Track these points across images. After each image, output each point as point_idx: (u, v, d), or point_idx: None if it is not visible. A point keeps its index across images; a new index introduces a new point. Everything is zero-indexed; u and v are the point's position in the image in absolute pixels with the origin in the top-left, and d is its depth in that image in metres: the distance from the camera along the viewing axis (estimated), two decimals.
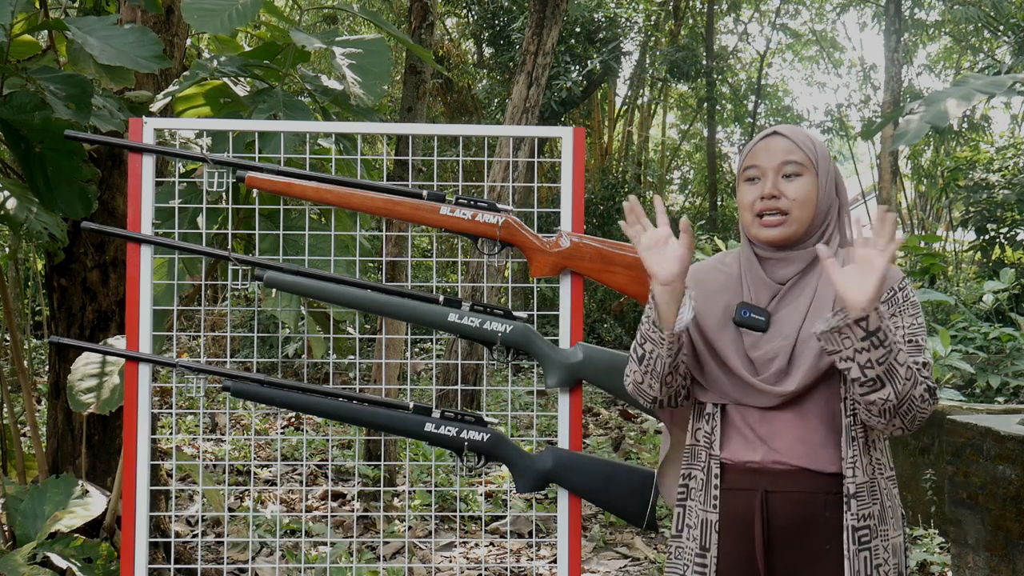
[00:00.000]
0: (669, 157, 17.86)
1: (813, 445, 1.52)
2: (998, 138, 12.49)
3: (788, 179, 1.54)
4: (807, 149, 1.56)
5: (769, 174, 1.55)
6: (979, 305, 6.89)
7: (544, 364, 1.95)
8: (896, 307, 1.52)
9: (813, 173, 1.55)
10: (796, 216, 1.54)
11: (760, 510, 1.52)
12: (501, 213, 2.02)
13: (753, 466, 1.55)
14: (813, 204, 1.54)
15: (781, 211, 1.54)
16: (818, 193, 1.55)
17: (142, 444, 2.01)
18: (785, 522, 1.52)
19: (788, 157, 1.54)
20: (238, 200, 2.41)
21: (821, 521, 1.51)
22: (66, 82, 2.47)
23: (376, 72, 2.54)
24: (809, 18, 17.25)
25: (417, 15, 4.94)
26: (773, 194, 1.54)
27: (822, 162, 1.56)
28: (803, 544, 1.52)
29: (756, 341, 1.55)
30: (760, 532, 1.52)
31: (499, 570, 3.84)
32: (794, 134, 1.57)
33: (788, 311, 1.55)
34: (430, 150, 8.09)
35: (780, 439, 1.54)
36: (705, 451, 1.59)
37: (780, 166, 1.54)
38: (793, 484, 1.52)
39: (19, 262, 4.86)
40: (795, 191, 1.54)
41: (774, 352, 1.52)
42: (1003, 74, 6.35)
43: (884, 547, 1.51)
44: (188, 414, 5.96)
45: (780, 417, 1.54)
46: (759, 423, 1.55)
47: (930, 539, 3.71)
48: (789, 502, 1.52)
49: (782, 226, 1.54)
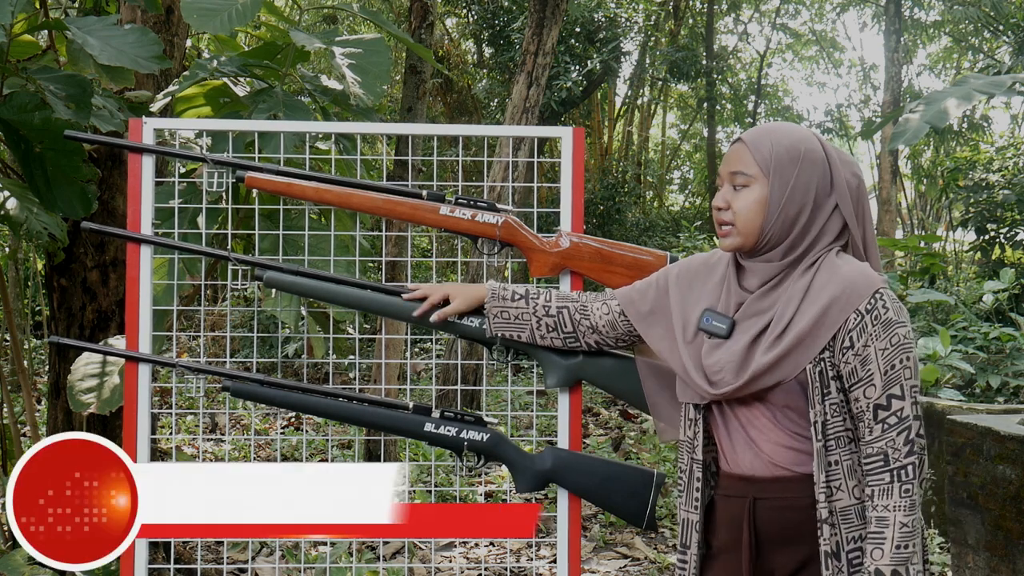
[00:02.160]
0: (669, 157, 17.87)
1: (798, 451, 1.52)
2: (998, 138, 12.50)
3: (737, 190, 1.54)
4: (760, 157, 1.51)
5: (724, 183, 1.56)
6: (979, 305, 6.89)
7: (544, 364, 1.95)
8: (866, 336, 1.46)
9: (764, 182, 1.51)
10: (740, 228, 1.52)
11: (748, 517, 1.53)
12: (501, 213, 2.01)
13: (743, 474, 1.55)
14: (760, 214, 1.51)
15: (727, 222, 1.54)
16: (769, 202, 1.50)
17: (142, 444, 2.01)
18: (773, 527, 1.53)
19: (736, 167, 1.53)
20: (238, 200, 2.41)
21: (810, 525, 1.50)
22: (66, 82, 2.47)
23: (376, 72, 2.54)
24: (809, 18, 17.26)
25: (417, 15, 4.94)
26: (719, 205, 1.55)
27: (779, 169, 1.50)
28: (795, 547, 1.52)
29: (711, 349, 1.55)
30: (748, 537, 1.53)
31: (499, 570, 3.84)
32: (754, 141, 1.53)
33: (747, 324, 1.54)
34: (430, 150, 8.09)
35: (765, 445, 1.54)
36: (688, 454, 1.62)
37: (732, 176, 1.54)
38: (782, 490, 1.52)
39: (19, 262, 4.86)
40: (739, 202, 1.53)
41: (721, 364, 1.53)
42: (1003, 74, 6.36)
43: None
44: (188, 414, 5.95)
45: (763, 423, 1.54)
46: (744, 429, 1.56)
47: (930, 539, 3.71)
48: (777, 508, 1.52)
49: (728, 237, 1.54)
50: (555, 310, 1.82)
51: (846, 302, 1.47)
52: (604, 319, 1.78)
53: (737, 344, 1.53)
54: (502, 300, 1.85)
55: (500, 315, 1.85)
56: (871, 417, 1.46)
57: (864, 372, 1.46)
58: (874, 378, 1.45)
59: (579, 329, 1.81)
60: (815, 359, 1.48)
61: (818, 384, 1.48)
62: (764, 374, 1.49)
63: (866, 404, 1.46)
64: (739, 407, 1.56)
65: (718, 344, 1.54)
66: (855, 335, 1.46)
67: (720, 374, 1.53)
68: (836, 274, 1.49)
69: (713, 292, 1.61)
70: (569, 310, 1.82)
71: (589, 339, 1.81)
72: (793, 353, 1.48)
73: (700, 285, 1.64)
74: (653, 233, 11.97)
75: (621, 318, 1.75)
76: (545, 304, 1.83)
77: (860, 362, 1.46)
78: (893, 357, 1.45)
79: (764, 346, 1.49)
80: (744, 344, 1.52)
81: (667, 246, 10.51)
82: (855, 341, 1.46)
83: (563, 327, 1.82)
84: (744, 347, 1.51)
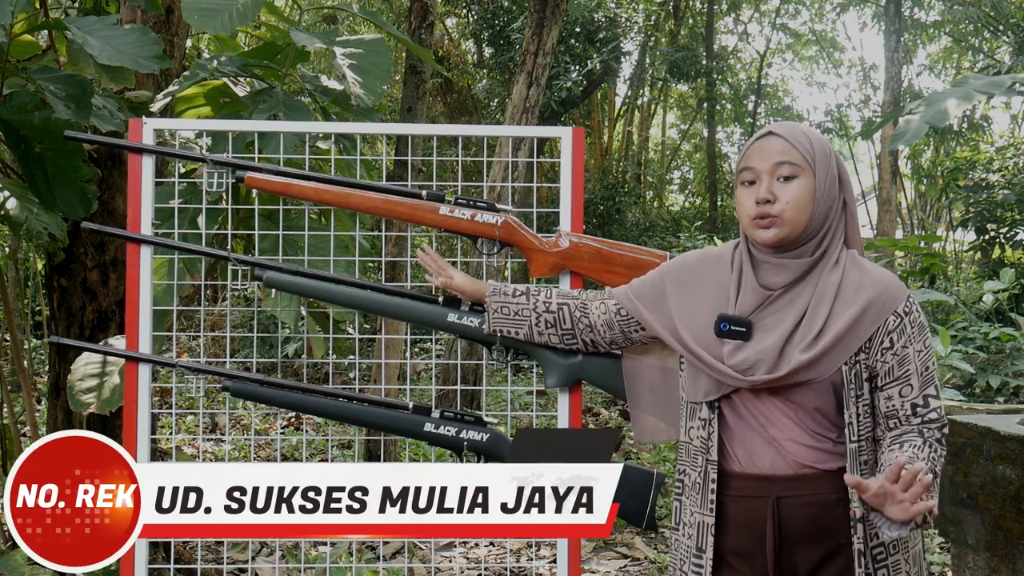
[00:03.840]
0: (669, 157, 17.86)
1: (821, 449, 1.52)
2: (998, 138, 12.50)
3: (783, 181, 1.51)
4: (803, 148, 1.51)
5: (764, 176, 1.52)
6: (979, 305, 6.89)
7: (544, 364, 1.95)
8: (905, 337, 1.50)
9: (810, 173, 1.51)
10: (790, 218, 1.50)
11: (772, 515, 1.52)
12: (500, 213, 2.01)
13: (763, 474, 1.54)
14: (809, 206, 1.51)
15: (774, 215, 1.51)
16: (815, 194, 1.51)
17: (142, 444, 2.01)
18: (799, 525, 1.52)
19: (783, 158, 1.51)
20: (238, 200, 2.41)
21: (834, 518, 1.50)
22: (66, 82, 2.47)
23: (376, 72, 2.54)
24: (809, 18, 17.24)
25: (417, 15, 4.94)
26: (767, 198, 1.51)
27: (820, 161, 1.52)
28: (818, 542, 1.52)
29: (734, 350, 1.53)
30: (772, 537, 1.52)
31: (499, 570, 3.84)
32: (790, 133, 1.53)
33: (774, 320, 1.52)
34: (430, 150, 8.09)
35: (788, 444, 1.53)
36: (702, 455, 1.59)
37: (775, 168, 1.51)
38: (807, 488, 1.52)
39: (19, 262, 4.86)
40: (790, 193, 1.50)
41: (751, 362, 1.51)
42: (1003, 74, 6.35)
43: (905, 559, 1.51)
44: (188, 414, 5.96)
45: (784, 423, 1.53)
46: (764, 428, 1.54)
47: (930, 539, 3.71)
48: (803, 505, 1.52)
49: (775, 227, 1.51)
50: (555, 306, 1.82)
51: (883, 305, 1.49)
52: (601, 318, 1.78)
53: (765, 342, 1.51)
54: (503, 295, 1.85)
55: (500, 310, 1.85)
56: (908, 414, 1.50)
57: (901, 372, 1.49)
58: (911, 378, 1.49)
59: (577, 327, 1.81)
60: (851, 360, 1.49)
61: (853, 385, 1.49)
62: (801, 371, 1.49)
63: (900, 403, 1.49)
64: (758, 407, 1.54)
65: (740, 345, 1.53)
66: (895, 336, 1.49)
67: (752, 369, 1.51)
68: (868, 275, 1.51)
69: (719, 293, 1.59)
70: (569, 307, 1.82)
71: (586, 337, 1.81)
72: (831, 352, 1.49)
73: (702, 286, 1.62)
74: (653, 233, 11.96)
75: (618, 317, 1.75)
76: (546, 300, 1.83)
77: (898, 362, 1.49)
78: (927, 359, 1.51)
79: (801, 344, 1.49)
80: (776, 342, 1.50)
81: (667, 246, 10.50)
82: (895, 342, 1.49)
83: (562, 324, 1.82)
84: (777, 345, 1.50)
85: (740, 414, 1.56)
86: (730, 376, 1.53)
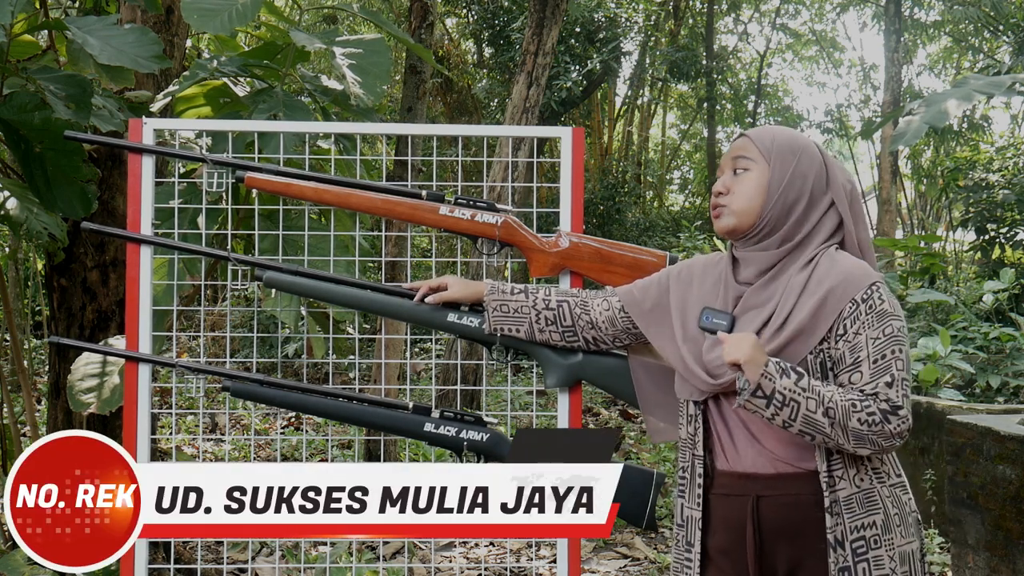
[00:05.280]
0: (669, 157, 17.86)
1: (801, 446, 1.52)
2: (998, 138, 12.49)
3: (736, 174, 1.58)
4: (761, 145, 1.57)
5: (725, 171, 1.60)
6: (979, 305, 6.88)
7: (544, 364, 1.95)
8: (858, 324, 1.48)
9: (764, 167, 1.56)
10: (738, 208, 1.56)
11: (752, 515, 1.53)
12: (500, 213, 2.02)
13: (745, 471, 1.55)
14: (759, 196, 1.55)
15: (723, 205, 1.58)
16: (769, 187, 1.54)
17: (142, 444, 2.01)
18: (777, 524, 1.53)
19: (739, 154, 1.58)
20: (238, 200, 2.41)
21: (813, 521, 1.50)
22: (66, 82, 2.47)
23: (376, 72, 2.54)
24: (809, 18, 17.24)
25: (417, 15, 4.94)
26: (719, 190, 1.59)
27: (778, 156, 1.55)
28: (798, 543, 1.52)
29: (712, 345, 1.56)
30: (752, 536, 1.53)
31: (499, 570, 3.84)
32: (756, 133, 1.60)
33: (747, 318, 1.55)
34: (430, 150, 8.09)
35: (768, 442, 1.54)
36: (689, 451, 1.62)
37: (733, 162, 1.59)
38: (786, 487, 1.53)
39: (19, 262, 4.86)
40: (739, 185, 1.57)
41: (723, 359, 1.52)
42: (1003, 74, 6.36)
43: (890, 556, 1.49)
44: (188, 414, 5.96)
45: (762, 420, 1.53)
46: (745, 425, 1.56)
47: (930, 539, 3.71)
48: (781, 505, 1.52)
49: (723, 217, 1.57)
50: (555, 304, 1.83)
51: (843, 292, 1.49)
52: (604, 315, 1.78)
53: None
54: (501, 293, 1.86)
55: (499, 308, 1.85)
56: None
57: (852, 359, 1.48)
58: (862, 365, 1.47)
59: (578, 324, 1.81)
60: (815, 349, 1.50)
61: (819, 374, 1.49)
62: None
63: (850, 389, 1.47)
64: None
65: (718, 341, 1.55)
66: (848, 323, 1.49)
67: (722, 368, 1.53)
68: (835, 267, 1.52)
69: (712, 290, 1.63)
70: (569, 304, 1.82)
71: (587, 335, 1.82)
72: (794, 343, 1.50)
73: (700, 284, 1.65)
74: (653, 233, 11.97)
75: (621, 315, 1.76)
76: (545, 298, 1.84)
77: (849, 349, 1.48)
78: (885, 347, 1.47)
79: (765, 337, 1.51)
80: None
81: (667, 246, 10.50)
82: (848, 328, 1.48)
83: (562, 321, 1.82)
84: None
85: (725, 411, 1.59)
86: (704, 382, 1.57)
